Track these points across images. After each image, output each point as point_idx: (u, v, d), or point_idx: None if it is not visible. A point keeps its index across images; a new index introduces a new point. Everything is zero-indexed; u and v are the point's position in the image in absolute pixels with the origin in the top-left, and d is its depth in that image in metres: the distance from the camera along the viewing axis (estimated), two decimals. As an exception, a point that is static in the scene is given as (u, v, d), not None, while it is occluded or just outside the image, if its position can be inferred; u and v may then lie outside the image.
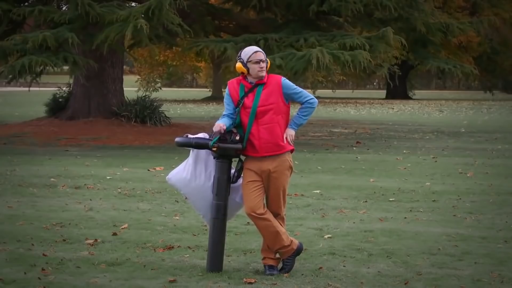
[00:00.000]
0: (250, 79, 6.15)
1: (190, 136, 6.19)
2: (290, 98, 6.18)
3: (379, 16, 22.02)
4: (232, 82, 6.23)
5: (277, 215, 6.21)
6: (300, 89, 6.22)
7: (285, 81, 6.18)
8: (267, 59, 6.23)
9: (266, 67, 6.17)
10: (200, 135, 6.21)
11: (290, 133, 6.17)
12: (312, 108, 6.20)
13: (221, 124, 6.03)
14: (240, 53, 6.19)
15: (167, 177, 6.38)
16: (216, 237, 6.13)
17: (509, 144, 19.20)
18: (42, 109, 24.47)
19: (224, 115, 6.18)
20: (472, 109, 42.01)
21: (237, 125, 6.14)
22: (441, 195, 10.50)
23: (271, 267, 6.18)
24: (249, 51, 6.16)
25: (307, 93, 6.24)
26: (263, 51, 6.21)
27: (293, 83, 6.34)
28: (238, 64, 6.13)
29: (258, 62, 6.10)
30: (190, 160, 6.23)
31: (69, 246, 7.10)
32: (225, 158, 6.07)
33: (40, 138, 19.39)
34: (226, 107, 6.19)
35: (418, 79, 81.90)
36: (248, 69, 6.12)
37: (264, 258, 6.23)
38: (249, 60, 6.11)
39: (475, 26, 25.89)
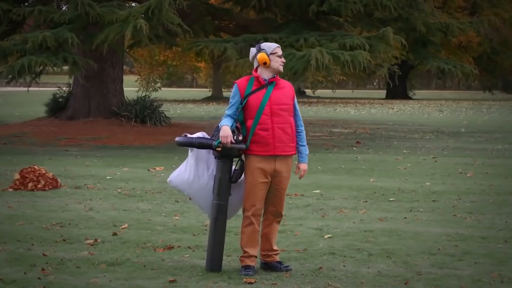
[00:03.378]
0: (265, 74, 6.18)
1: (189, 136, 6.16)
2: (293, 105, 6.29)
3: (379, 16, 22.03)
4: (241, 81, 6.22)
5: (280, 215, 6.28)
6: (298, 107, 6.38)
7: (293, 89, 6.34)
8: None
9: None
10: (199, 134, 6.19)
11: (305, 168, 6.32)
12: (305, 133, 6.41)
13: (229, 135, 5.98)
14: (260, 45, 6.23)
15: (168, 179, 6.35)
16: (216, 237, 6.13)
17: (509, 144, 19.20)
18: (42, 109, 24.47)
19: (227, 114, 6.14)
20: (472, 109, 42.00)
21: (240, 123, 6.14)
22: (441, 195, 10.50)
23: (282, 262, 6.28)
24: (272, 44, 6.27)
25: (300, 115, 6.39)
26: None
27: (293, 83, 6.40)
28: (262, 55, 6.13)
29: (280, 56, 6.21)
30: (191, 161, 6.20)
31: (69, 246, 7.09)
32: (226, 157, 6.06)
33: (40, 138, 19.39)
34: (230, 106, 6.16)
35: (418, 79, 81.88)
36: (269, 61, 6.17)
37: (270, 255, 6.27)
38: (273, 52, 6.18)
39: (475, 26, 25.91)
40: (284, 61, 6.26)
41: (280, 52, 6.22)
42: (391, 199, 10.10)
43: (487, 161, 15.16)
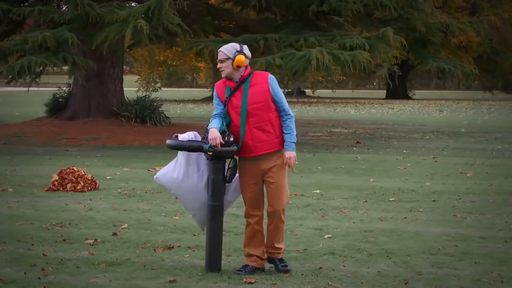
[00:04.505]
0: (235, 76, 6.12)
1: (179, 136, 6.13)
2: (271, 100, 6.09)
3: (379, 16, 22.03)
4: (219, 84, 6.18)
5: (276, 213, 6.15)
6: (282, 96, 6.13)
7: (272, 79, 6.10)
8: (234, 56, 6.02)
9: (233, 64, 6.00)
10: (190, 134, 6.14)
11: (290, 155, 6.05)
12: (293, 121, 6.12)
13: (217, 137, 5.94)
14: None
15: (155, 176, 6.33)
16: (214, 238, 6.12)
17: (509, 144, 19.21)
18: (42, 109, 24.47)
19: (215, 115, 6.12)
20: (472, 109, 42.02)
21: (227, 125, 6.09)
22: (441, 195, 10.50)
23: (282, 261, 6.23)
24: None
25: (287, 104, 6.14)
26: (228, 49, 6.07)
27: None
28: None
29: (218, 62, 6.11)
30: (181, 159, 6.16)
31: (69, 246, 7.10)
32: (219, 159, 6.04)
33: (40, 138, 19.39)
34: (216, 107, 6.15)
35: (418, 79, 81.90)
36: None
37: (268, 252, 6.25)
38: None
39: (475, 26, 25.91)
40: (220, 66, 6.07)
41: (218, 57, 6.11)
42: (391, 199, 10.10)
43: (487, 161, 15.16)
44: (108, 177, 12.13)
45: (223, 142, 5.97)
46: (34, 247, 7.01)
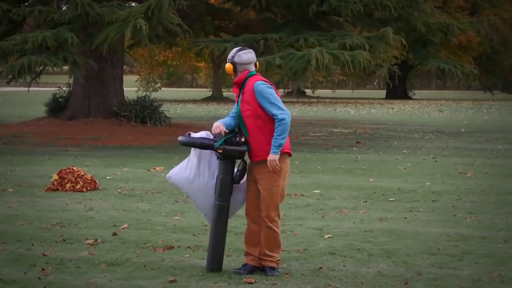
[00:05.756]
0: None
1: (192, 134, 6.15)
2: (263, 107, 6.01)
3: (379, 16, 22.03)
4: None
5: (264, 219, 6.11)
6: (273, 100, 5.97)
7: (258, 86, 6.01)
8: (236, 59, 6.13)
9: (236, 69, 6.11)
10: (203, 133, 6.18)
11: (271, 158, 5.97)
12: (282, 124, 5.94)
13: (219, 124, 6.00)
14: None
15: (167, 175, 6.34)
16: (217, 237, 6.12)
17: (509, 144, 19.21)
18: (42, 109, 24.47)
19: (231, 113, 6.23)
20: (472, 109, 42.02)
21: (239, 127, 6.18)
22: (441, 195, 10.50)
23: (271, 268, 6.16)
24: None
25: (278, 107, 5.97)
26: (231, 54, 6.20)
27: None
28: None
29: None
30: (193, 159, 6.18)
31: (69, 246, 7.10)
32: (228, 158, 6.05)
33: (40, 138, 19.39)
34: (235, 105, 6.23)
35: (418, 79, 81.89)
36: None
37: (264, 260, 6.21)
38: None
39: (475, 26, 25.93)
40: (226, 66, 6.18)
41: None
42: (391, 199, 10.10)
43: (487, 161, 15.16)
44: (108, 177, 12.13)
45: (227, 131, 6.00)
46: (34, 247, 7.01)
